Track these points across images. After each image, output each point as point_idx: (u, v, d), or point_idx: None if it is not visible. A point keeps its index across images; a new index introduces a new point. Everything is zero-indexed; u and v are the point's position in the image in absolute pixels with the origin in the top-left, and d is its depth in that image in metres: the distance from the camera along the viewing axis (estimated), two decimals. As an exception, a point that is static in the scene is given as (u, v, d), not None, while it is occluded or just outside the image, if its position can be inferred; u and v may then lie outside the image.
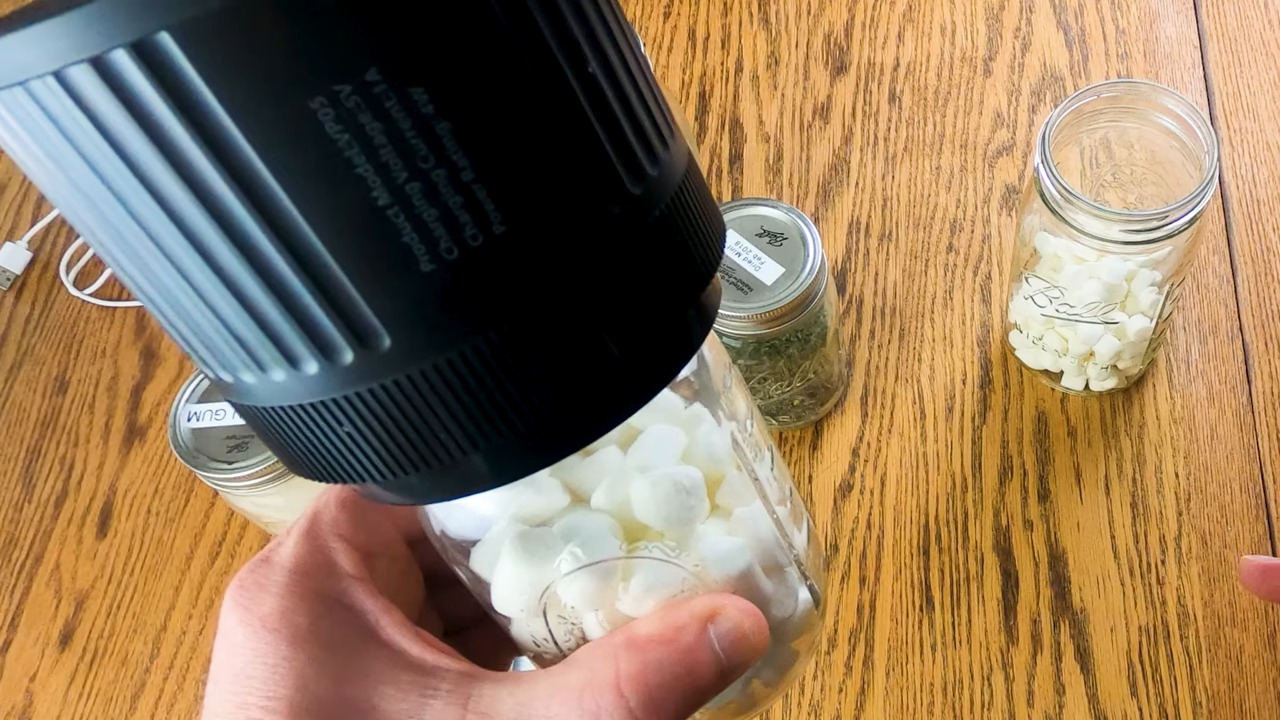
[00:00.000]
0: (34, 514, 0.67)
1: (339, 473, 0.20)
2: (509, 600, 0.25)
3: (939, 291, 0.65)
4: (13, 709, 0.61)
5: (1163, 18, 0.73)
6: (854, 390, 0.63)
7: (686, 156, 0.22)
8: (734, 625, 0.23)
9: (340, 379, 0.19)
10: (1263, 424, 0.59)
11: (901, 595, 0.57)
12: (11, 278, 0.76)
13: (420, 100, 0.16)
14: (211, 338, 0.19)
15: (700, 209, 0.21)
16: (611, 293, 0.19)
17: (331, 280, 0.17)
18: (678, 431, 0.25)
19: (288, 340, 0.18)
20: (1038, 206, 0.52)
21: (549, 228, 0.18)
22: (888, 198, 0.69)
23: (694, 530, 0.25)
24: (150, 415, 0.69)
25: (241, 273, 0.17)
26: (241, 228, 0.17)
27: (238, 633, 0.24)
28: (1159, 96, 0.52)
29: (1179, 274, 0.54)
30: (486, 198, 0.17)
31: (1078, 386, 0.60)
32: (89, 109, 0.16)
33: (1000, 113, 0.71)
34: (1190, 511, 0.57)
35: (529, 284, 0.18)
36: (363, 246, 0.17)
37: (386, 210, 0.17)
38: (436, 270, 0.18)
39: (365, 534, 0.26)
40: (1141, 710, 0.53)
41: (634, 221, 0.19)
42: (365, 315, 0.18)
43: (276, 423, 0.20)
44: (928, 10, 0.77)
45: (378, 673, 0.23)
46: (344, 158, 0.16)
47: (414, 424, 0.19)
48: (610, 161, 0.19)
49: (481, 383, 0.19)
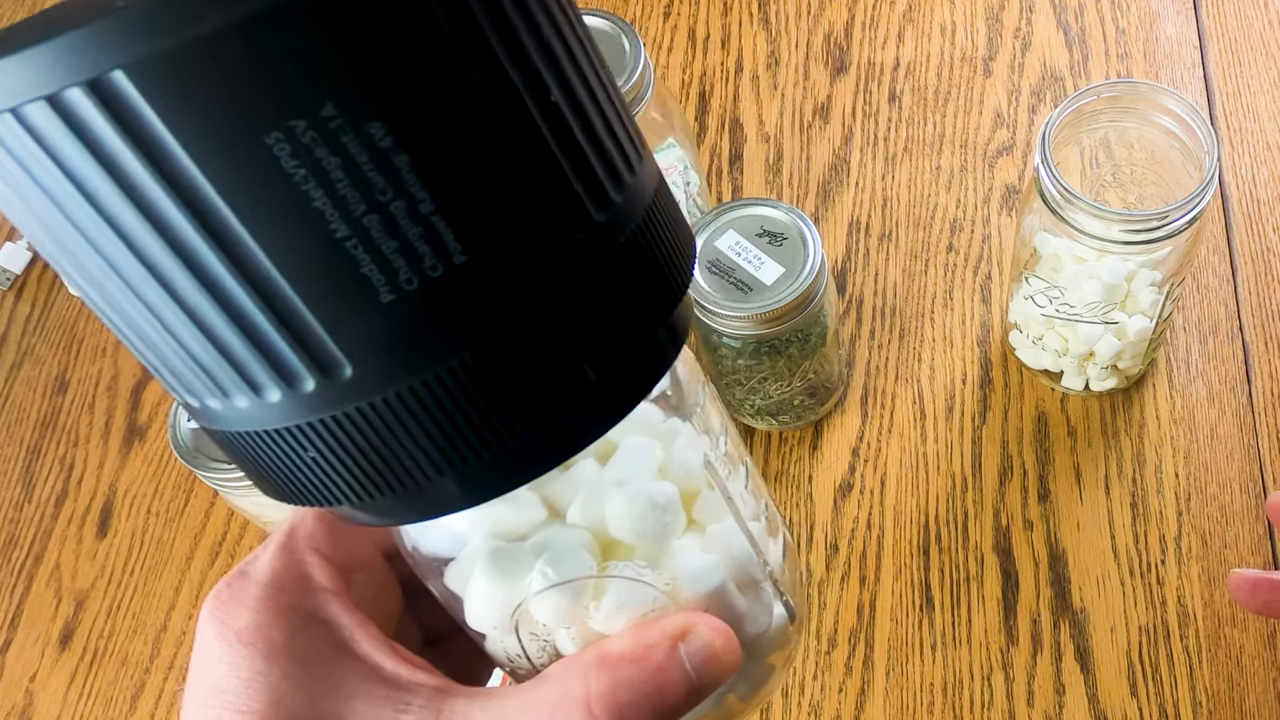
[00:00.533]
0: (34, 514, 0.67)
1: (308, 495, 0.21)
2: (482, 617, 0.25)
3: (939, 291, 0.65)
4: (13, 709, 0.61)
5: (1163, 18, 0.73)
6: (854, 390, 0.63)
7: (655, 177, 0.22)
8: (704, 644, 0.23)
9: (303, 406, 0.19)
10: (1263, 424, 0.59)
11: (901, 595, 0.57)
12: (11, 278, 0.76)
13: (378, 134, 0.17)
14: (175, 365, 0.19)
15: (669, 230, 0.21)
16: (577, 318, 0.19)
17: (291, 311, 0.18)
18: (654, 445, 0.25)
19: (249, 369, 0.18)
20: (1038, 206, 0.52)
21: (510, 257, 0.18)
22: (888, 198, 0.69)
23: (669, 546, 0.25)
24: (150, 415, 0.69)
25: (201, 303, 0.18)
26: (200, 260, 0.17)
27: (213, 647, 0.24)
28: (1159, 96, 0.52)
29: (1179, 274, 0.54)
30: (446, 228, 0.17)
31: (1078, 386, 0.60)
32: (46, 145, 0.16)
33: (1000, 113, 0.71)
34: (1190, 511, 0.57)
35: (491, 313, 0.18)
36: (322, 278, 0.17)
37: (345, 242, 0.17)
38: (397, 300, 0.18)
39: (342, 549, 0.26)
40: (1141, 710, 0.53)
41: (599, 247, 0.19)
42: (326, 345, 0.18)
43: (243, 447, 0.20)
44: (928, 10, 0.77)
45: (351, 687, 0.24)
46: (301, 191, 0.17)
47: (379, 449, 0.19)
48: (573, 190, 0.19)
49: (445, 410, 0.19)
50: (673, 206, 0.22)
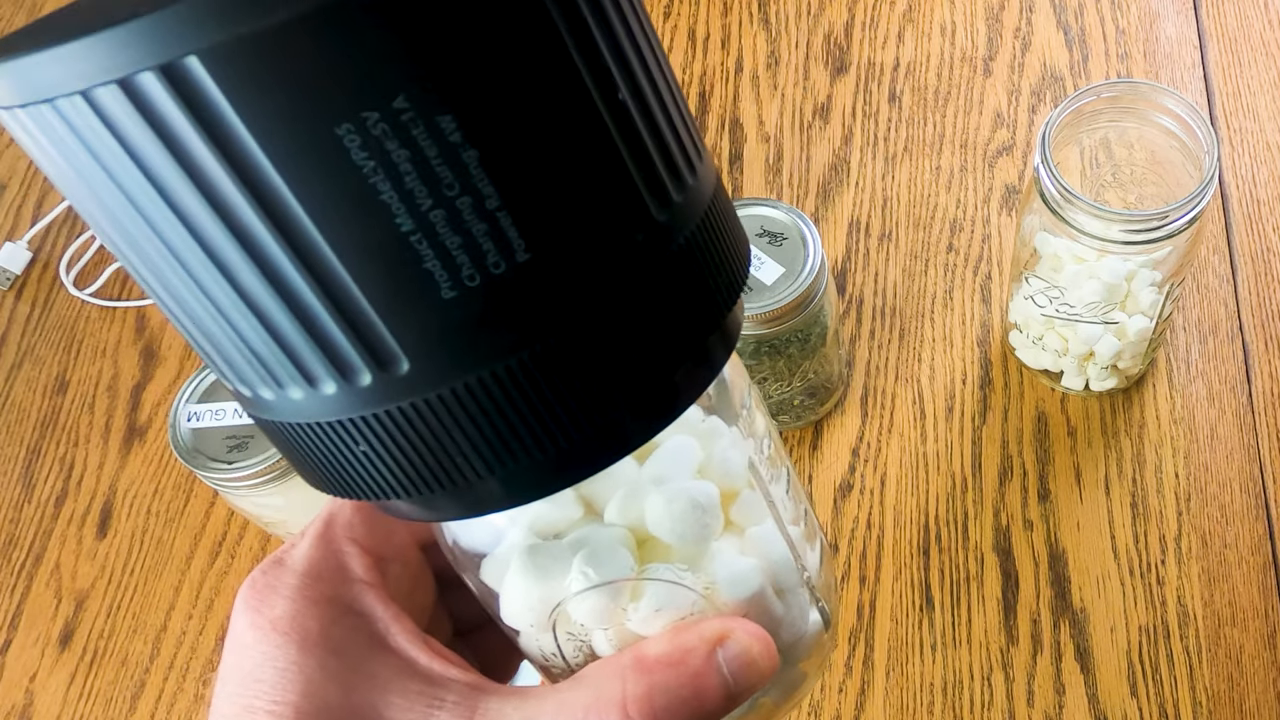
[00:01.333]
0: (34, 514, 0.67)
1: (355, 489, 0.20)
2: (518, 615, 0.25)
3: (939, 291, 0.65)
4: (13, 709, 0.61)
5: (1163, 18, 0.73)
6: (854, 390, 0.63)
7: (714, 179, 0.22)
8: (743, 649, 0.23)
9: (358, 400, 0.19)
10: (1263, 424, 0.59)
11: (901, 595, 0.57)
12: (11, 278, 0.76)
13: (448, 128, 0.16)
14: (231, 354, 0.19)
15: (726, 233, 0.21)
16: (634, 319, 0.19)
17: (352, 304, 0.17)
18: (694, 444, 0.25)
19: (307, 361, 0.18)
20: (1038, 206, 0.52)
21: (573, 256, 0.18)
22: (888, 198, 0.69)
23: (707, 548, 0.24)
24: (150, 415, 0.69)
25: (262, 293, 0.18)
26: (264, 249, 0.17)
27: (248, 635, 0.24)
28: (1159, 96, 0.52)
29: (1179, 274, 0.54)
30: (510, 225, 0.17)
31: (1078, 386, 0.60)
32: (115, 129, 0.16)
33: (1000, 113, 0.71)
34: (1190, 511, 0.57)
35: (551, 311, 0.18)
36: (384, 272, 0.17)
37: (410, 237, 0.17)
38: (458, 297, 0.18)
39: (379, 539, 0.26)
40: (1141, 710, 0.53)
41: (659, 247, 0.19)
42: (385, 339, 0.18)
43: (294, 437, 0.20)
44: (928, 10, 0.77)
45: (385, 681, 0.23)
46: (369, 184, 0.16)
47: (430, 446, 0.19)
48: (637, 189, 0.19)
49: (499, 408, 0.19)
50: (729, 209, 0.22)
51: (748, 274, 0.22)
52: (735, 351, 0.25)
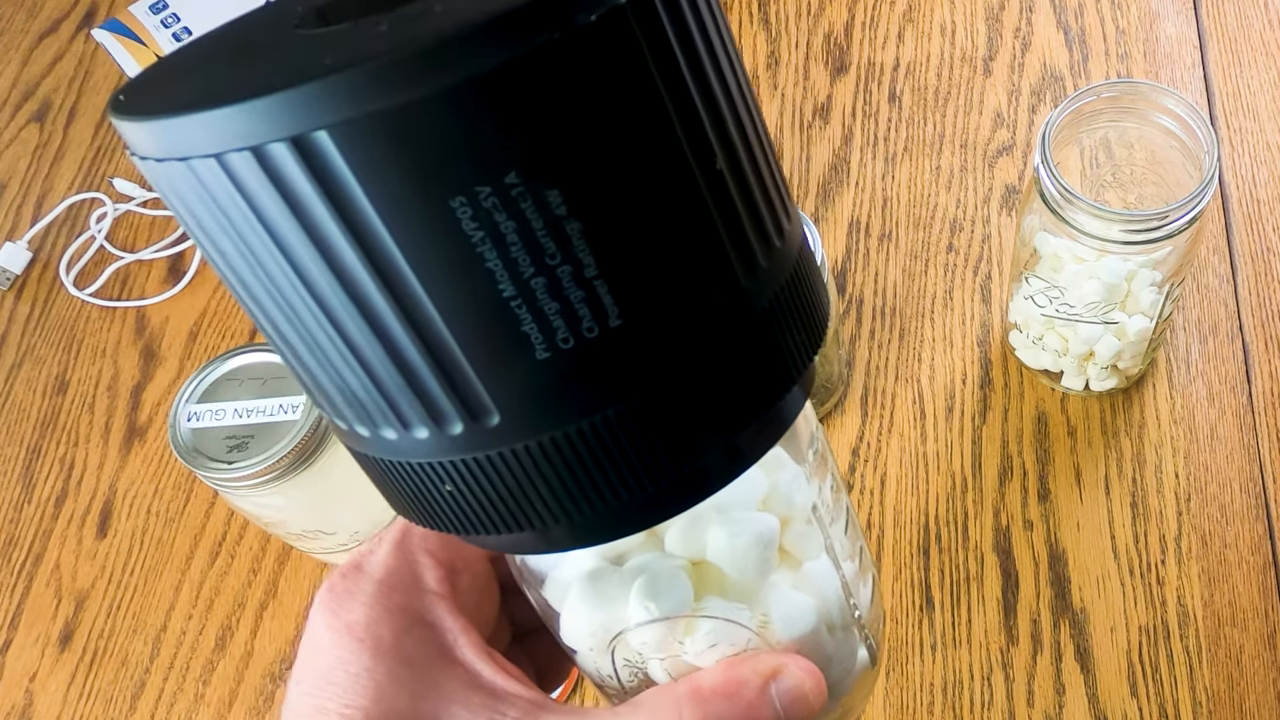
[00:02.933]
0: (34, 514, 0.67)
1: (439, 522, 0.21)
2: (578, 638, 0.26)
3: (939, 291, 0.65)
4: (13, 709, 0.61)
5: (1163, 18, 0.73)
6: (854, 390, 0.63)
7: (799, 238, 0.22)
8: (795, 684, 0.24)
9: (448, 445, 0.20)
10: (1263, 424, 0.59)
11: (901, 595, 0.57)
12: (11, 278, 0.76)
13: (554, 202, 0.17)
14: (334, 396, 0.20)
15: (808, 293, 0.22)
16: (714, 381, 0.20)
17: (451, 360, 0.18)
18: (759, 474, 0.25)
19: (404, 408, 0.19)
20: (1038, 206, 0.52)
21: (663, 321, 0.19)
22: (888, 198, 0.69)
23: (765, 581, 0.25)
24: (150, 415, 0.69)
25: (370, 347, 0.19)
26: (374, 307, 0.18)
27: (324, 637, 0.25)
28: (1159, 96, 0.52)
29: (1179, 274, 0.54)
30: (606, 293, 0.18)
31: (1078, 386, 0.60)
32: (245, 191, 0.17)
33: (1000, 113, 0.71)
34: (1190, 511, 0.57)
35: (639, 372, 0.19)
36: (483, 333, 0.18)
37: (511, 301, 0.18)
38: (551, 358, 0.18)
39: (452, 550, 0.27)
40: (1141, 710, 0.53)
41: (744, 310, 0.20)
42: (479, 393, 0.19)
43: (384, 471, 0.21)
44: (928, 10, 0.77)
45: (451, 692, 0.24)
46: (476, 253, 0.17)
47: (512, 491, 0.20)
48: (727, 256, 0.20)
49: (581, 461, 0.20)
50: (813, 268, 0.23)
51: (827, 330, 0.23)
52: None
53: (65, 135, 0.83)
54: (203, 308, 0.73)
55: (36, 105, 0.85)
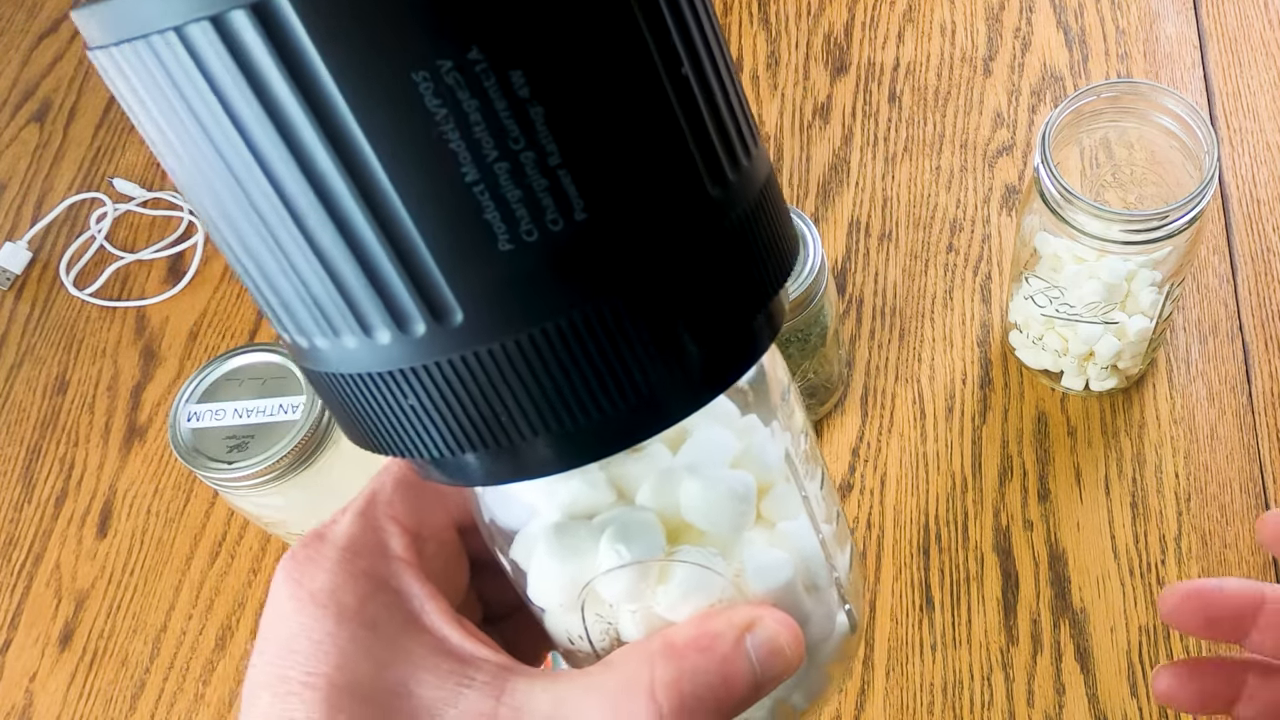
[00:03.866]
0: (34, 514, 0.67)
1: (398, 446, 0.21)
2: (546, 593, 0.25)
3: (939, 291, 0.65)
4: (13, 709, 0.61)
5: (1163, 18, 0.73)
6: (854, 390, 0.63)
7: (767, 168, 0.22)
8: (771, 637, 0.23)
9: (410, 351, 0.19)
10: (1263, 424, 0.59)
11: (901, 595, 0.57)
12: (11, 278, 0.76)
13: (517, 82, 0.17)
14: (289, 297, 0.20)
15: (776, 220, 0.22)
16: (685, 289, 0.20)
17: (412, 249, 0.18)
18: (731, 436, 0.25)
19: (364, 307, 0.19)
20: (1038, 206, 0.52)
21: (629, 220, 0.19)
22: (888, 198, 0.69)
23: (740, 538, 0.25)
24: (150, 415, 0.69)
25: (326, 232, 0.18)
26: (331, 189, 0.18)
27: (287, 605, 0.24)
28: (1159, 96, 0.52)
29: (1179, 274, 0.54)
30: (570, 184, 0.18)
31: (1078, 386, 0.60)
32: (202, 64, 0.17)
33: (1000, 113, 0.71)
34: (1190, 511, 0.57)
35: (604, 274, 0.19)
36: (445, 219, 0.18)
37: (473, 187, 0.18)
38: (514, 251, 0.18)
39: (418, 518, 0.26)
40: (1141, 710, 0.53)
41: (713, 222, 0.20)
42: (441, 288, 0.18)
43: (343, 390, 0.21)
44: (928, 10, 0.77)
45: (418, 658, 0.24)
46: (439, 131, 0.17)
47: (477, 403, 0.19)
48: (694, 163, 0.19)
49: (548, 369, 0.19)
50: (780, 200, 0.23)
51: (795, 263, 0.23)
52: (776, 349, 0.25)
53: (65, 135, 0.83)
54: (203, 308, 0.73)
55: (36, 105, 0.85)
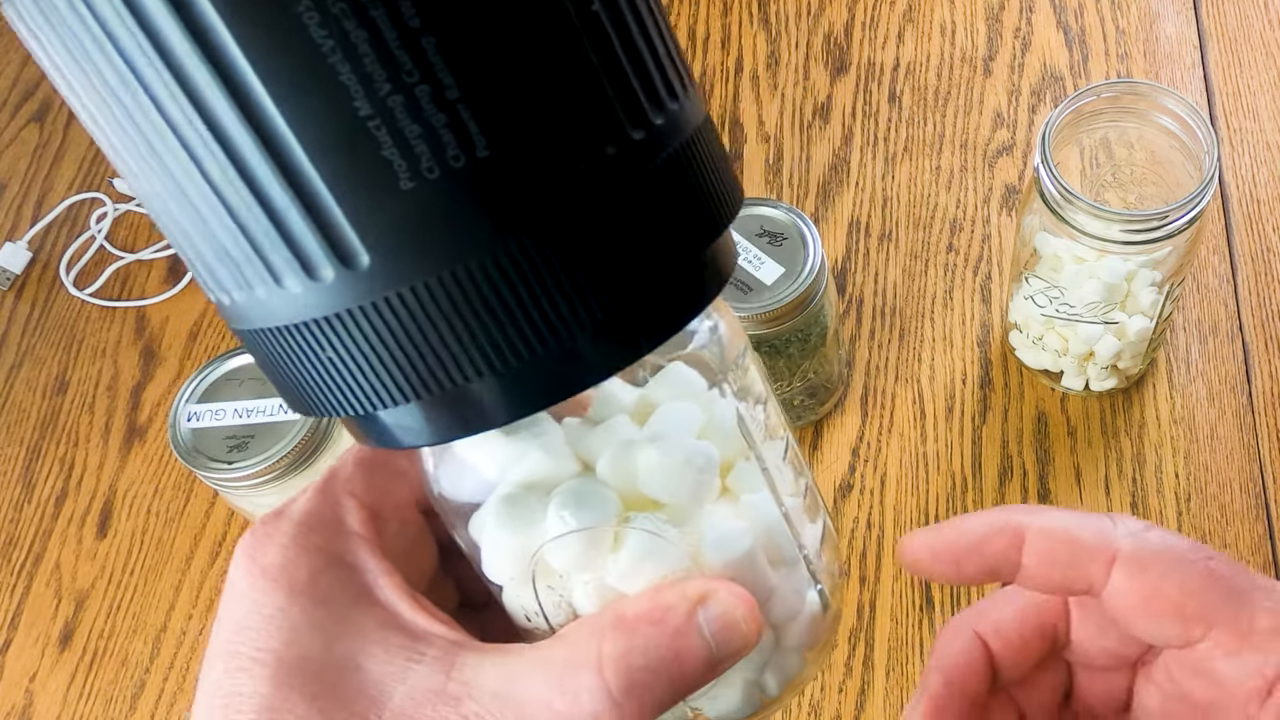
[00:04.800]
0: (34, 514, 0.67)
1: (323, 403, 0.20)
2: (498, 566, 0.24)
3: (939, 291, 0.65)
4: (13, 709, 0.61)
5: (1163, 18, 0.73)
6: (854, 390, 0.63)
7: (701, 113, 0.21)
8: (725, 610, 0.22)
9: (322, 299, 0.18)
10: (1263, 424, 0.59)
11: (901, 595, 0.57)
12: (11, 278, 0.76)
13: (407, 12, 0.17)
14: (202, 249, 0.19)
15: (710, 165, 0.21)
16: (599, 232, 0.19)
17: (311, 190, 0.17)
18: (696, 409, 0.24)
19: (269, 253, 0.18)
20: (1038, 206, 0.52)
21: (536, 158, 0.18)
22: (888, 198, 0.69)
23: (700, 510, 0.24)
24: (150, 415, 0.69)
25: (224, 177, 0.18)
26: (225, 129, 0.17)
27: (241, 582, 0.24)
28: (1159, 96, 0.52)
29: (1179, 274, 0.54)
30: (470, 119, 0.17)
31: (1078, 386, 0.60)
32: (92, 5, 0.16)
33: (1000, 113, 0.71)
34: (1190, 511, 0.57)
35: (512, 214, 0.18)
36: (342, 156, 0.17)
37: (368, 121, 0.17)
38: (417, 189, 0.18)
39: (377, 495, 0.26)
40: (1141, 710, 0.53)
41: (632, 165, 0.19)
42: (344, 230, 0.18)
43: (266, 347, 0.20)
44: (928, 10, 0.77)
45: (368, 633, 0.23)
46: (328, 64, 0.17)
47: (394, 352, 0.19)
48: (608, 101, 0.19)
49: (461, 313, 0.18)
50: (717, 146, 0.22)
51: (736, 209, 0.22)
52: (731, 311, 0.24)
53: (65, 135, 0.83)
54: (203, 308, 0.73)
55: (36, 105, 0.85)
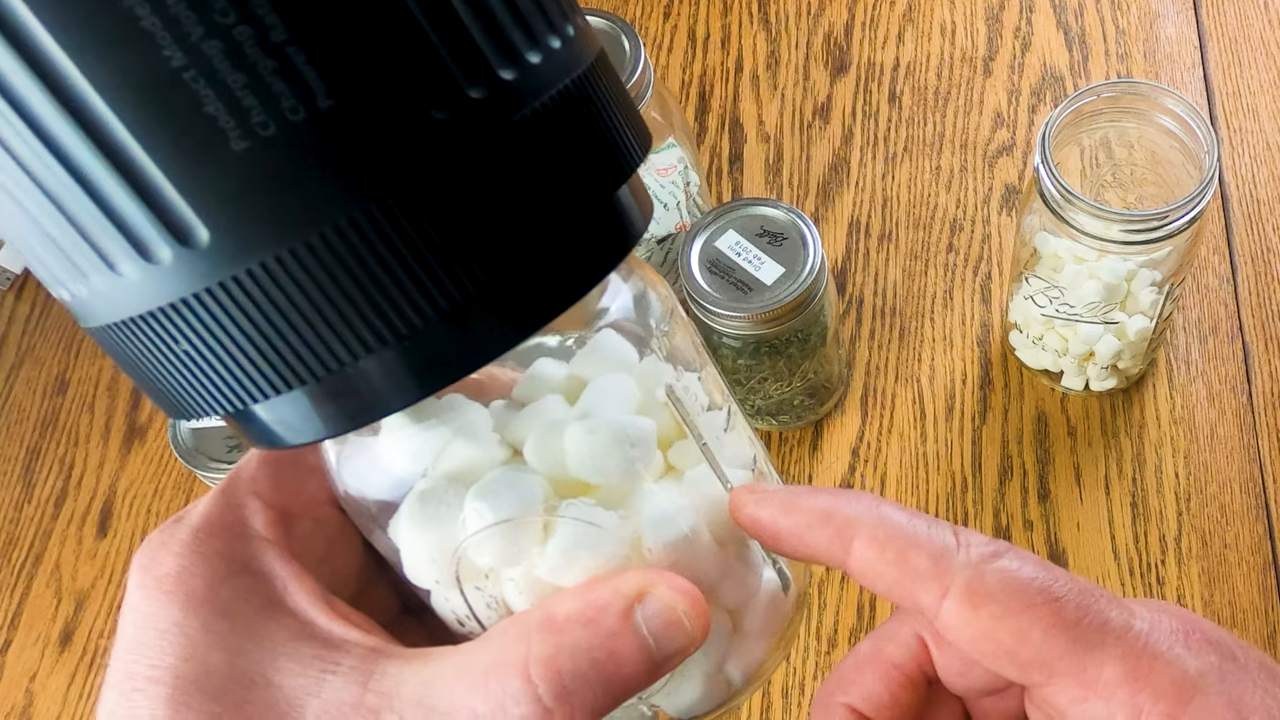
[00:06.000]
0: (34, 514, 0.67)
1: (194, 403, 0.18)
2: (419, 569, 0.22)
3: (939, 291, 0.65)
4: (13, 709, 0.61)
5: (1163, 18, 0.73)
6: (854, 390, 0.63)
7: (593, 52, 0.19)
8: (665, 607, 0.20)
9: (163, 284, 0.16)
10: (1263, 424, 0.59)
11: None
12: (11, 278, 0.76)
13: None
14: (27, 238, 0.17)
15: (599, 105, 0.19)
16: (471, 189, 0.17)
17: (126, 156, 0.15)
18: (629, 381, 0.22)
19: (95, 235, 0.16)
20: (1038, 206, 0.52)
21: (390, 105, 0.16)
22: (888, 198, 0.69)
23: (637, 490, 0.22)
24: (150, 415, 0.69)
25: (31, 153, 0.15)
26: (19, 94, 0.15)
27: (134, 595, 0.22)
28: (1159, 96, 0.52)
29: (1179, 274, 0.54)
30: (305, 63, 0.15)
31: (1078, 386, 0.60)
32: None
33: (1000, 113, 0.71)
34: (1190, 511, 0.57)
35: (366, 171, 0.16)
36: (159, 116, 0.15)
37: (183, 73, 0.15)
38: (250, 149, 0.15)
39: (285, 493, 0.24)
40: (1141, 710, 0.53)
41: (501, 109, 0.17)
42: (174, 202, 0.16)
43: (117, 345, 0.18)
44: (928, 10, 0.77)
45: (278, 644, 0.21)
46: (124, 7, 0.14)
47: (253, 341, 0.17)
48: (467, 35, 0.17)
49: (322, 288, 0.16)
50: (613, 86, 0.19)
51: (638, 159, 0.19)
52: (658, 275, 0.22)
53: (65, 135, 0.83)
54: (203, 308, 0.73)
55: (36, 105, 0.85)
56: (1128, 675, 0.22)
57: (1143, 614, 0.23)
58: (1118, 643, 0.22)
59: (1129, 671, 0.22)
